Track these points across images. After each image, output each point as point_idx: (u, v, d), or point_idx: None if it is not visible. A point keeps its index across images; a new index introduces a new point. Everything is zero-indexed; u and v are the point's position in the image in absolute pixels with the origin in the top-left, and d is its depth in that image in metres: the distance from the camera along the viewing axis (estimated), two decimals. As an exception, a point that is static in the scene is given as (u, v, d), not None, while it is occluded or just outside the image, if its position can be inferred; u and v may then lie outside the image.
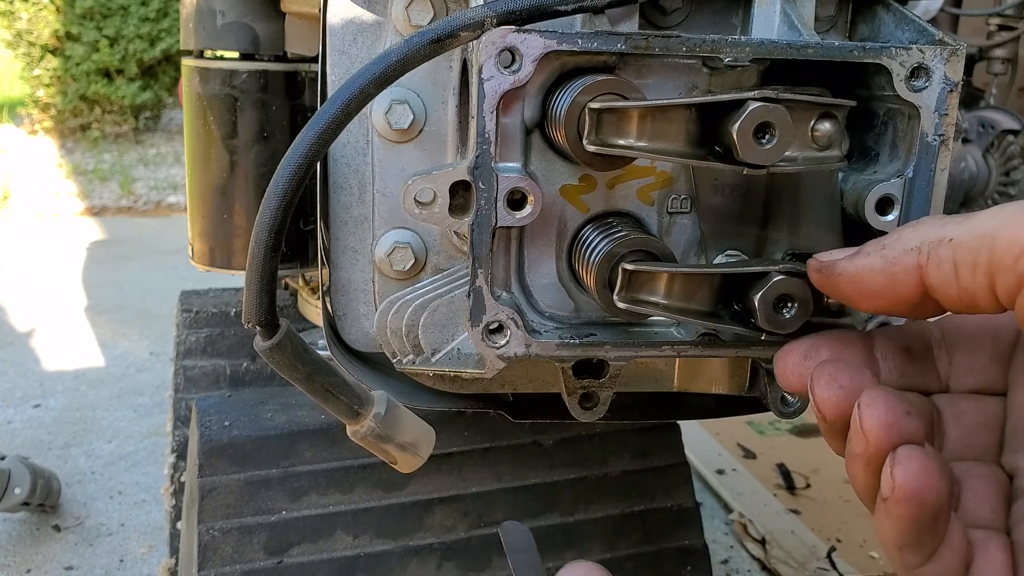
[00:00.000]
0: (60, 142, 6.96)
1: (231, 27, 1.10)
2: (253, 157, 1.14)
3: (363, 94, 0.51)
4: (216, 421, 1.06)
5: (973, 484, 0.49)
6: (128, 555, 1.99)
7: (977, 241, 0.42)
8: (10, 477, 1.92)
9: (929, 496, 0.43)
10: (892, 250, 0.46)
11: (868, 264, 0.47)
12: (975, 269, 0.42)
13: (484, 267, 0.55)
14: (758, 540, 1.94)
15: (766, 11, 0.60)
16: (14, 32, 6.61)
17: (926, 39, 0.57)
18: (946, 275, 0.44)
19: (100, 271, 4.07)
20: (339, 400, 0.57)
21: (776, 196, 0.62)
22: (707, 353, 0.60)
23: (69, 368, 2.99)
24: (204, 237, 1.18)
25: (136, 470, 2.36)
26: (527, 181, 0.55)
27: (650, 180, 0.61)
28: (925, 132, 0.56)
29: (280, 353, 0.54)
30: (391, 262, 0.65)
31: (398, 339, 0.63)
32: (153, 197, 5.60)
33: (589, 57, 0.56)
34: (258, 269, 0.52)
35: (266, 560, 0.99)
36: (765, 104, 0.50)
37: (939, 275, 0.44)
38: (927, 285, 0.45)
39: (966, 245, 0.42)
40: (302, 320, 1.44)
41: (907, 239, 0.46)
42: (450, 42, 0.52)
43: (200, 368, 1.47)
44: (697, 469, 2.26)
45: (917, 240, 0.45)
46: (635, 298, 0.55)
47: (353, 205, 0.66)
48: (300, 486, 1.02)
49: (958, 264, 0.43)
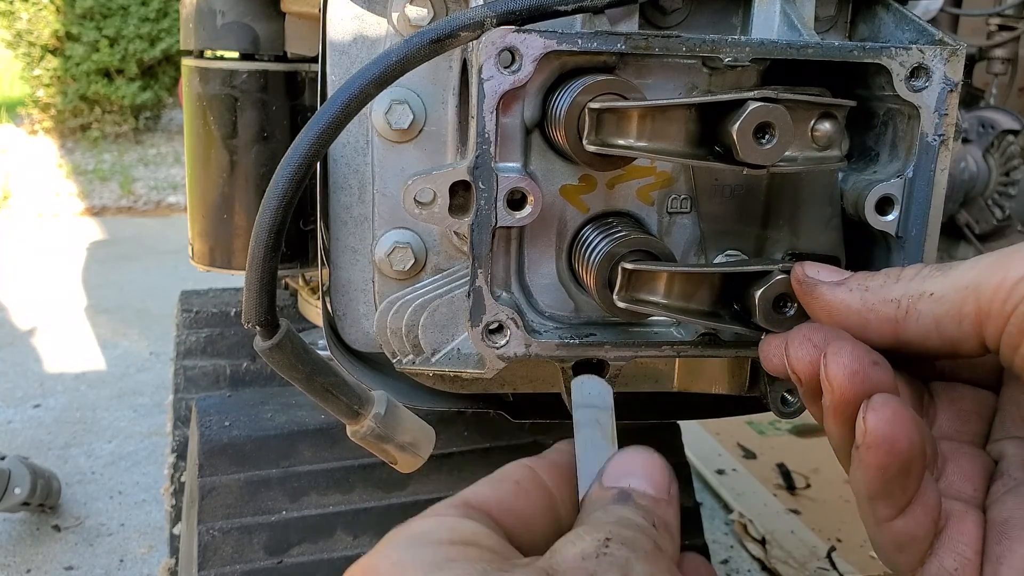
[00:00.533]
0: (60, 142, 6.96)
1: (231, 27, 1.10)
2: (253, 157, 1.13)
3: (363, 94, 0.51)
4: (216, 421, 1.06)
5: (958, 460, 0.49)
6: (128, 555, 1.99)
7: (960, 293, 0.44)
8: (10, 477, 1.92)
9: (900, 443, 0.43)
10: (875, 295, 0.47)
11: (847, 301, 0.48)
12: (961, 320, 0.44)
13: (484, 267, 0.55)
14: (758, 540, 1.94)
15: (766, 11, 0.60)
16: (14, 32, 6.61)
17: (926, 39, 0.57)
18: (926, 328, 0.45)
19: (100, 271, 4.07)
20: (339, 400, 0.57)
21: (776, 196, 0.62)
22: (707, 353, 0.60)
23: (69, 368, 2.99)
24: (204, 237, 1.18)
25: (136, 470, 2.36)
26: (527, 181, 0.55)
27: (650, 180, 0.61)
28: (925, 132, 0.56)
29: (280, 353, 0.54)
30: (391, 262, 0.65)
31: (398, 339, 0.63)
32: (153, 197, 5.60)
33: (589, 57, 0.56)
34: (258, 269, 0.52)
35: (266, 560, 0.99)
36: (765, 104, 0.50)
37: (918, 329, 0.46)
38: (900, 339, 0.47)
39: (949, 299, 0.44)
40: (302, 320, 1.44)
41: (889, 290, 0.47)
42: (450, 42, 0.52)
43: (200, 368, 1.47)
44: (697, 469, 2.26)
45: (898, 292, 0.47)
46: (635, 298, 0.55)
47: (353, 205, 0.66)
48: (300, 486, 1.02)
49: (939, 318, 0.45)
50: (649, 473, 0.47)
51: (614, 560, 0.39)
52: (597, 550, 0.39)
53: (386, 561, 0.40)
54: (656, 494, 0.46)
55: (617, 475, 0.48)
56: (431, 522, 0.43)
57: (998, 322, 0.43)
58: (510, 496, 0.46)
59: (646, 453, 0.49)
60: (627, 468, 0.48)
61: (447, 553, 0.40)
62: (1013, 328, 0.42)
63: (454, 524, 0.42)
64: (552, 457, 0.50)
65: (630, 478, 0.47)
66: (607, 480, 0.48)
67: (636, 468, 0.48)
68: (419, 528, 0.42)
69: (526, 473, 0.48)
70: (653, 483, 0.47)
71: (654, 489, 0.46)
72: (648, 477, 0.47)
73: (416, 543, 0.41)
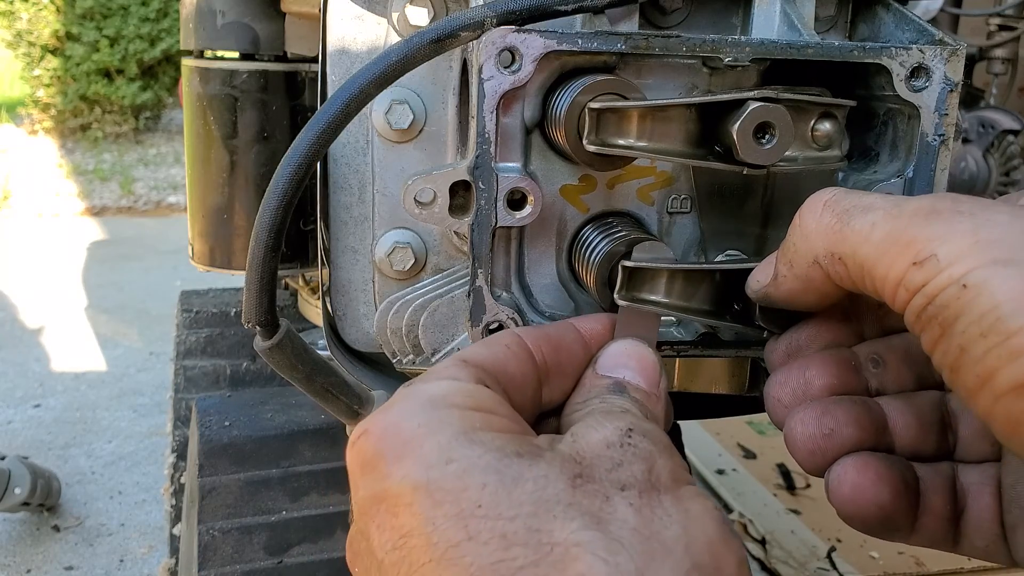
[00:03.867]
0: (60, 142, 6.96)
1: (231, 27, 1.10)
2: (253, 157, 1.14)
3: (363, 94, 0.51)
4: (216, 421, 1.06)
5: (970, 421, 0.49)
6: (128, 555, 2.00)
7: (859, 270, 0.42)
8: (10, 477, 1.92)
9: (868, 512, 0.45)
10: (798, 267, 0.47)
11: (789, 288, 0.48)
12: (870, 293, 0.43)
13: (484, 267, 0.55)
14: (758, 540, 1.94)
15: (766, 11, 0.60)
16: (14, 32, 6.61)
17: (926, 39, 0.57)
18: (852, 286, 0.44)
19: (100, 271, 4.07)
20: (339, 400, 0.57)
21: (776, 196, 0.62)
22: (707, 353, 0.60)
23: (69, 368, 3.00)
24: (204, 237, 1.18)
25: (136, 470, 2.36)
26: (527, 181, 0.55)
27: (650, 180, 0.61)
28: (925, 132, 0.56)
29: (280, 353, 0.54)
30: (391, 262, 0.65)
31: (398, 339, 0.63)
32: (153, 197, 5.60)
33: (589, 57, 0.56)
34: (258, 269, 0.52)
35: (266, 560, 0.99)
36: (765, 104, 0.50)
37: (848, 286, 0.44)
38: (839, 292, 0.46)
39: (853, 270, 0.43)
40: (302, 320, 1.44)
41: (803, 252, 0.46)
42: (450, 42, 0.52)
43: (200, 368, 1.47)
44: (697, 469, 2.26)
45: (811, 253, 0.45)
46: (635, 297, 0.55)
47: (353, 205, 0.66)
48: (300, 486, 1.02)
49: (855, 282, 0.43)
50: (642, 367, 0.49)
51: (638, 452, 0.40)
52: (621, 439, 0.40)
53: (411, 422, 0.40)
54: (647, 388, 0.48)
55: (611, 364, 0.49)
56: (447, 385, 0.42)
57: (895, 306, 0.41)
58: (501, 358, 0.46)
59: (640, 346, 0.50)
60: (621, 359, 0.49)
61: (472, 420, 0.40)
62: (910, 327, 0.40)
63: (471, 390, 0.42)
64: (545, 329, 0.51)
65: (624, 370, 0.48)
66: (601, 368, 0.49)
67: (630, 360, 0.49)
68: (437, 390, 0.42)
69: (514, 339, 0.48)
70: (645, 377, 0.48)
71: (646, 383, 0.48)
72: (641, 371, 0.48)
73: (438, 406, 0.41)
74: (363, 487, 0.40)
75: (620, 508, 0.37)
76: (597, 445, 0.40)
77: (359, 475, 0.40)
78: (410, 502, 0.37)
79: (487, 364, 0.45)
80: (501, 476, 0.37)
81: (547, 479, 0.37)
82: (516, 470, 0.37)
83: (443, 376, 0.43)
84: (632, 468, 0.39)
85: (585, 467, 0.38)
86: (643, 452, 0.40)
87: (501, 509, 0.36)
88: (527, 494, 0.36)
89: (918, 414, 0.49)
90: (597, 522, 0.36)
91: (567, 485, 0.37)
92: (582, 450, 0.40)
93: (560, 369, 0.49)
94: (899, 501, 0.45)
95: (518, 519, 0.35)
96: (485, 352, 0.46)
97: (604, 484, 0.38)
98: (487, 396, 0.43)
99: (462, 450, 0.38)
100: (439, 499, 0.36)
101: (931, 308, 0.37)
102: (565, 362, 0.49)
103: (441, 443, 0.38)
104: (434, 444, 0.38)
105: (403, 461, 0.38)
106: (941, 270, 0.37)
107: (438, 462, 0.37)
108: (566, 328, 0.51)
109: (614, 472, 0.38)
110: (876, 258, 0.40)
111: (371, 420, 0.41)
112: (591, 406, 0.45)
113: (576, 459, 0.39)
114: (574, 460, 0.39)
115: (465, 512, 0.36)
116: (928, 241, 0.38)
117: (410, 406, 0.41)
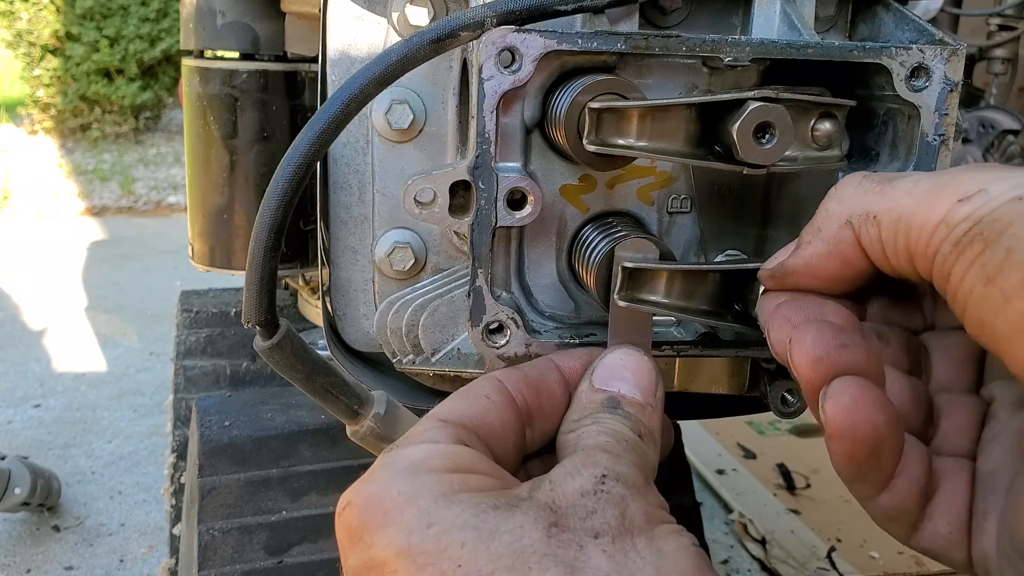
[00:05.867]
0: (60, 142, 6.96)
1: (231, 27, 1.10)
2: (253, 157, 1.14)
3: (363, 94, 0.51)
4: (216, 421, 1.06)
5: (953, 413, 0.49)
6: (128, 555, 2.00)
7: (895, 225, 0.42)
8: (10, 477, 1.92)
9: (863, 430, 0.43)
10: (828, 230, 0.46)
11: (814, 251, 0.47)
12: (897, 253, 0.43)
13: (484, 267, 0.55)
14: (758, 540, 1.94)
15: (766, 11, 0.60)
16: (14, 32, 6.61)
17: (926, 39, 0.57)
18: (877, 254, 0.44)
19: (100, 271, 4.07)
20: (339, 400, 0.57)
21: (776, 196, 0.62)
22: (707, 353, 0.60)
23: (69, 368, 3.00)
24: (204, 237, 1.18)
25: (136, 470, 2.36)
26: (527, 181, 0.55)
27: (650, 180, 0.61)
28: (925, 132, 0.56)
29: (280, 353, 0.54)
30: (391, 262, 0.65)
31: (398, 339, 0.63)
32: (153, 197, 5.60)
33: (589, 57, 0.56)
34: (258, 269, 0.52)
35: (266, 560, 0.99)
36: (765, 104, 0.50)
37: (874, 253, 0.44)
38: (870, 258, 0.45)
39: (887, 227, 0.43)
40: (302, 320, 1.44)
41: (836, 214, 0.46)
42: (450, 42, 0.52)
43: (200, 368, 1.47)
44: (697, 469, 2.26)
45: (845, 214, 0.45)
46: (635, 297, 0.55)
47: (353, 205, 0.66)
48: (300, 486, 1.02)
49: (885, 244, 0.43)
50: (637, 378, 0.50)
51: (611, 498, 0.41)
52: (595, 487, 0.41)
53: (391, 491, 0.41)
54: (643, 400, 0.49)
55: (607, 377, 0.50)
56: (425, 449, 0.44)
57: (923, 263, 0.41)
58: (481, 411, 0.47)
59: (636, 356, 0.51)
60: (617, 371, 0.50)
61: (451, 483, 0.41)
62: (940, 271, 0.40)
63: (449, 451, 0.44)
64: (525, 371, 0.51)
65: (620, 383, 0.49)
66: (597, 381, 0.50)
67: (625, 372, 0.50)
68: (415, 455, 0.43)
69: (495, 387, 0.49)
70: (641, 388, 0.49)
71: (641, 395, 0.49)
72: (636, 383, 0.49)
73: (417, 471, 0.42)
74: (352, 557, 0.41)
75: (594, 556, 0.38)
76: (572, 494, 0.41)
77: (347, 546, 0.42)
78: (395, 568, 0.39)
79: (466, 420, 0.46)
80: (479, 532, 0.38)
81: (523, 529, 0.39)
82: (493, 524, 0.39)
83: (421, 440, 0.45)
84: (605, 515, 0.40)
85: (560, 516, 0.40)
86: (615, 498, 0.41)
87: (480, 564, 0.37)
88: (504, 546, 0.38)
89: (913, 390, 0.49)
90: (571, 571, 0.37)
91: (542, 535, 0.39)
92: (558, 499, 0.41)
93: (542, 412, 0.50)
94: (891, 433, 0.44)
95: (496, 572, 0.37)
96: (463, 407, 0.48)
97: (578, 533, 0.39)
98: (466, 455, 0.44)
99: (441, 512, 0.39)
100: (422, 563, 0.38)
101: (975, 229, 0.38)
102: (546, 404, 0.50)
103: (421, 508, 0.40)
104: (414, 510, 0.40)
105: (386, 529, 0.40)
106: (992, 197, 0.38)
107: (419, 527, 0.39)
108: (547, 368, 0.52)
109: (588, 520, 0.40)
110: (916, 207, 0.41)
111: (354, 491, 0.43)
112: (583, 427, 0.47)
113: (552, 507, 0.40)
114: (550, 509, 0.40)
115: (447, 571, 0.37)
116: (976, 181, 0.39)
117: (390, 474, 0.42)
